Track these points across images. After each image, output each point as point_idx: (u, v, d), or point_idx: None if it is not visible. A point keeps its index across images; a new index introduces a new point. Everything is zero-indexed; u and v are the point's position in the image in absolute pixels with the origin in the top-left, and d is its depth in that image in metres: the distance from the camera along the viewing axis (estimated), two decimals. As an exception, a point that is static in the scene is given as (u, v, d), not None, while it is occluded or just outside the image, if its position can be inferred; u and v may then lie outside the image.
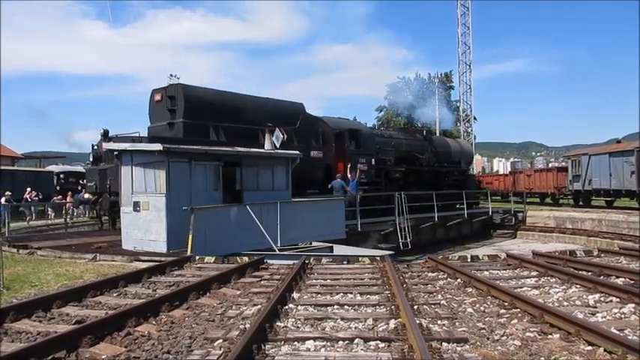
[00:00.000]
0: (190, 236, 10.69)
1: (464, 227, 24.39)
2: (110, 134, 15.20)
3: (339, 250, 12.70)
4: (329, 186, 17.22)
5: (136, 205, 12.02)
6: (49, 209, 23.71)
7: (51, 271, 9.14)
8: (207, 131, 15.11)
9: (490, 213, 24.90)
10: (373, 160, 20.22)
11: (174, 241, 11.09)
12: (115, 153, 12.81)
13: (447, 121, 37.98)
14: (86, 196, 23.29)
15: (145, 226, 11.86)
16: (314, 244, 13.18)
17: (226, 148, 13.13)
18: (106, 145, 13.62)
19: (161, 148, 11.29)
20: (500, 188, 38.51)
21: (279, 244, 12.35)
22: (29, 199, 24.55)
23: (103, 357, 4.53)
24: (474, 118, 37.74)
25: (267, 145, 13.79)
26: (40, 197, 25.49)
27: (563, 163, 34.49)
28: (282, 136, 14.43)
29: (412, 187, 21.46)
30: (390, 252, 11.64)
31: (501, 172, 59.16)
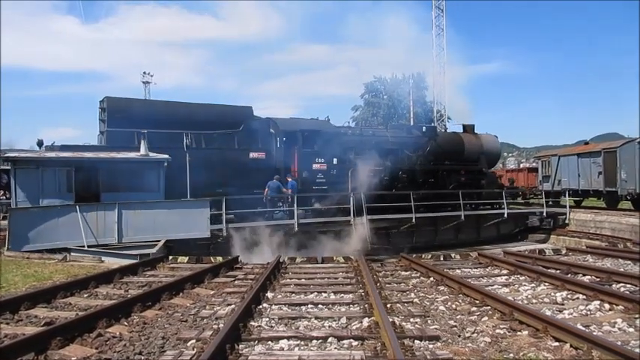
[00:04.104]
0: (7, 233, 11.74)
1: (485, 230, 21.73)
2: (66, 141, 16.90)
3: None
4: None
5: None
6: None
7: (19, 272, 8.90)
8: (132, 138, 16.15)
9: (505, 215, 21.39)
10: (336, 159, 19.56)
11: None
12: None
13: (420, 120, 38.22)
14: None
15: None
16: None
17: (76, 155, 14.47)
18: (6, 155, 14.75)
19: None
20: None
21: (116, 241, 12.97)
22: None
23: (73, 359, 4.45)
24: (449, 118, 38.11)
25: (142, 150, 15.06)
26: (8, 197, 24.81)
27: (534, 164, 35.18)
28: (186, 140, 16.50)
29: (407, 187, 20.22)
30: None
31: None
